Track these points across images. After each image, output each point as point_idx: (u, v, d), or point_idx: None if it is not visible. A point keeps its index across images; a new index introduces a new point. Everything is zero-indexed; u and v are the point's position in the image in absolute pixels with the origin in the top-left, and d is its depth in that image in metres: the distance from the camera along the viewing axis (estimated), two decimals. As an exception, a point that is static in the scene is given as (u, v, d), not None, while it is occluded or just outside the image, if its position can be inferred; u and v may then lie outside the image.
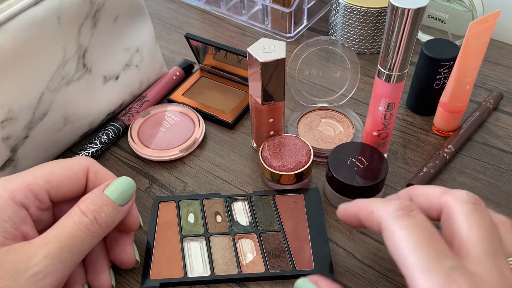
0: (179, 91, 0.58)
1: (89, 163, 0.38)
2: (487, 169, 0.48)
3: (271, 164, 0.45)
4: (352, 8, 0.58)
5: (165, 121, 0.53)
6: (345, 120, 0.52)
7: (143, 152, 0.50)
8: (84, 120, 0.50)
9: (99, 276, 0.37)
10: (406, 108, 0.55)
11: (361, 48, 0.62)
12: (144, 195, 0.47)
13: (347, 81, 0.52)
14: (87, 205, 0.34)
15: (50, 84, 0.44)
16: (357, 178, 0.42)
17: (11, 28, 0.40)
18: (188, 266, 0.41)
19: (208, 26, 0.70)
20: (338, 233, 0.43)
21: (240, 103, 0.56)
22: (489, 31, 0.43)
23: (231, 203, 0.45)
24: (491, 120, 0.53)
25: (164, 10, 0.73)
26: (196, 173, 0.49)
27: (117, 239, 0.39)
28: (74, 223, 0.33)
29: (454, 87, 0.46)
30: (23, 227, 0.33)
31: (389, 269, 0.40)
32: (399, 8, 0.34)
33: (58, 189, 0.36)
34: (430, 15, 0.61)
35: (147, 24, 0.54)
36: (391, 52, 0.38)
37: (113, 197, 0.35)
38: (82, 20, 0.45)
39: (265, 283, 0.40)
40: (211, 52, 0.57)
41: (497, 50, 0.62)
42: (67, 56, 0.45)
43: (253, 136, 0.50)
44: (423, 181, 0.45)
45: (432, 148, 0.50)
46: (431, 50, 0.48)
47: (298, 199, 0.45)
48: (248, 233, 0.43)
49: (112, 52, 0.50)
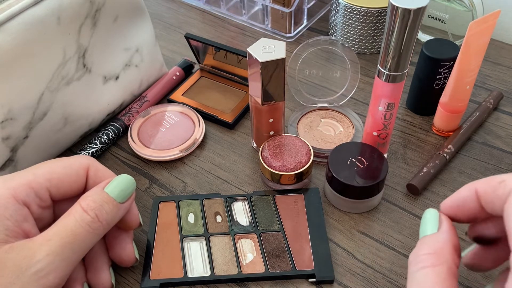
0: (179, 91, 0.58)
1: (89, 161, 0.38)
2: (487, 169, 0.48)
3: (271, 164, 0.45)
4: (352, 8, 0.58)
5: (165, 121, 0.53)
6: (345, 120, 0.52)
7: (143, 152, 0.50)
8: (84, 120, 0.50)
9: (99, 275, 0.38)
10: (406, 108, 0.55)
11: (361, 48, 0.62)
12: (144, 195, 0.47)
13: (347, 81, 0.52)
14: (88, 202, 0.34)
15: (50, 84, 0.44)
16: (357, 178, 0.42)
17: (11, 28, 0.40)
18: (188, 266, 0.41)
19: (208, 26, 0.70)
20: (338, 233, 0.43)
21: (240, 103, 0.56)
22: (489, 31, 0.43)
23: (231, 203, 0.45)
24: (491, 120, 0.53)
25: (164, 10, 0.73)
26: (196, 173, 0.49)
27: (116, 238, 0.39)
28: (75, 220, 0.33)
29: (454, 87, 0.46)
30: (25, 225, 0.33)
31: (389, 269, 0.40)
32: (399, 8, 0.34)
33: (59, 187, 0.36)
34: (430, 15, 0.61)
35: (147, 24, 0.54)
36: (391, 52, 0.38)
37: (113, 194, 0.35)
38: (82, 20, 0.45)
39: (265, 283, 0.40)
40: (211, 52, 0.57)
41: (497, 50, 0.62)
42: (67, 56, 0.45)
43: (253, 136, 0.50)
44: (423, 181, 0.45)
45: (432, 148, 0.50)
46: (431, 50, 0.48)
47: (298, 199, 0.45)
48: (248, 233, 0.43)
49: (112, 52, 0.50)
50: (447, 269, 0.28)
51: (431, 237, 0.30)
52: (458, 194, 0.31)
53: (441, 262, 0.28)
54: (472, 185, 0.30)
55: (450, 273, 0.28)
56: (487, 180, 0.29)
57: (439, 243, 0.29)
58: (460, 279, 0.39)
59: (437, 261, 0.28)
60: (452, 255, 0.29)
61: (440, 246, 0.29)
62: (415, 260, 0.29)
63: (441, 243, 0.29)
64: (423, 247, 0.30)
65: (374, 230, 0.43)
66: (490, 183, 0.29)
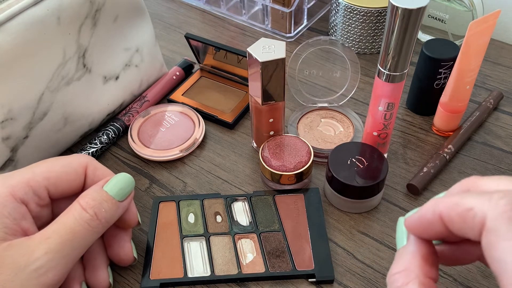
0: (179, 91, 0.58)
1: (88, 160, 0.38)
2: (487, 169, 0.48)
3: (271, 164, 0.45)
4: (352, 8, 0.58)
5: (165, 121, 0.53)
6: (345, 120, 0.52)
7: (143, 152, 0.50)
8: (84, 120, 0.50)
9: (97, 273, 0.38)
10: (406, 108, 0.55)
11: (361, 48, 0.62)
12: (144, 195, 0.47)
13: (347, 81, 0.52)
14: (87, 201, 0.34)
15: (50, 84, 0.44)
16: (357, 178, 0.42)
17: (11, 28, 0.40)
18: (188, 266, 0.41)
19: (208, 26, 0.70)
20: (338, 233, 0.43)
21: (240, 103, 0.56)
22: (489, 31, 0.43)
23: (231, 203, 0.45)
24: (491, 120, 0.53)
25: (164, 10, 0.73)
26: (196, 173, 0.49)
27: (115, 236, 0.39)
28: (74, 218, 0.33)
29: (454, 87, 0.46)
30: (23, 223, 0.33)
31: (389, 269, 0.40)
32: (399, 8, 0.34)
33: (57, 186, 0.36)
34: (430, 15, 0.61)
35: (147, 24, 0.54)
36: (391, 52, 0.38)
37: (112, 193, 0.36)
38: (82, 20, 0.45)
39: (265, 283, 0.40)
40: (211, 52, 0.57)
41: (497, 50, 0.62)
42: (67, 56, 0.45)
43: (253, 136, 0.50)
44: (423, 181, 0.45)
45: (432, 148, 0.50)
46: (431, 50, 0.48)
47: (298, 199, 0.45)
48: (248, 233, 0.43)
49: (112, 52, 0.50)
50: (419, 285, 0.25)
51: (400, 251, 0.28)
52: (422, 216, 0.27)
53: (411, 279, 0.26)
54: (436, 208, 0.26)
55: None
56: (451, 205, 0.25)
57: (408, 257, 0.27)
58: (460, 279, 0.39)
59: (406, 278, 0.26)
60: (422, 267, 0.26)
61: (409, 261, 0.27)
62: (389, 280, 0.27)
63: (409, 257, 0.27)
64: (395, 264, 0.28)
65: (374, 230, 0.43)
66: (456, 209, 0.25)
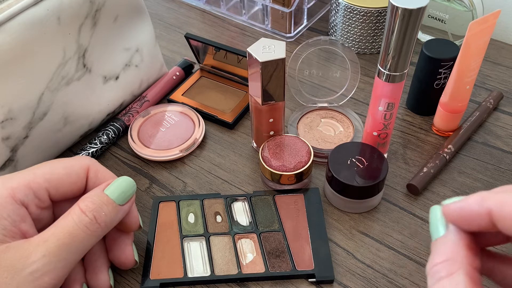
0: (179, 91, 0.58)
1: (90, 162, 0.38)
2: (487, 169, 0.48)
3: (271, 164, 0.45)
4: (352, 8, 0.58)
5: (165, 121, 0.53)
6: (345, 120, 0.52)
7: (143, 152, 0.50)
8: (84, 120, 0.50)
9: (98, 276, 0.37)
10: (406, 108, 0.55)
11: (361, 48, 0.62)
12: (144, 195, 0.47)
13: (347, 81, 0.52)
14: (87, 204, 0.34)
15: (50, 84, 0.44)
16: (357, 178, 0.42)
17: (11, 28, 0.40)
18: (188, 266, 0.41)
19: (208, 26, 0.70)
20: (338, 233, 0.43)
21: (240, 103, 0.56)
22: (489, 31, 0.43)
23: (231, 203, 0.45)
24: (491, 120, 0.53)
25: (164, 10, 0.73)
26: (196, 173, 0.49)
27: (116, 239, 0.39)
28: (73, 221, 0.33)
29: (454, 87, 0.46)
30: (22, 225, 0.33)
31: (389, 269, 0.40)
32: (399, 8, 0.34)
33: (58, 188, 0.36)
34: (430, 15, 0.61)
35: (147, 24, 0.54)
36: (391, 52, 0.38)
37: (113, 196, 0.35)
38: (82, 20, 0.45)
39: (265, 283, 0.40)
40: (211, 52, 0.57)
41: (497, 50, 0.62)
42: (67, 56, 0.45)
43: (253, 136, 0.50)
44: (423, 181, 0.45)
45: (432, 148, 0.50)
46: (431, 50, 0.48)
47: (298, 199, 0.45)
48: (248, 233, 0.43)
49: (112, 52, 0.50)
50: (465, 276, 0.24)
51: (440, 241, 0.27)
52: (465, 208, 0.26)
53: (457, 268, 0.25)
54: (485, 202, 0.25)
55: (470, 280, 0.24)
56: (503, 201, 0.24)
57: (449, 246, 0.26)
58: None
59: (450, 269, 0.25)
60: (467, 257, 0.25)
61: (451, 250, 0.26)
62: (431, 271, 0.26)
63: (451, 246, 0.26)
64: (435, 254, 0.26)
65: (374, 230, 0.43)
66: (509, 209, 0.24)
